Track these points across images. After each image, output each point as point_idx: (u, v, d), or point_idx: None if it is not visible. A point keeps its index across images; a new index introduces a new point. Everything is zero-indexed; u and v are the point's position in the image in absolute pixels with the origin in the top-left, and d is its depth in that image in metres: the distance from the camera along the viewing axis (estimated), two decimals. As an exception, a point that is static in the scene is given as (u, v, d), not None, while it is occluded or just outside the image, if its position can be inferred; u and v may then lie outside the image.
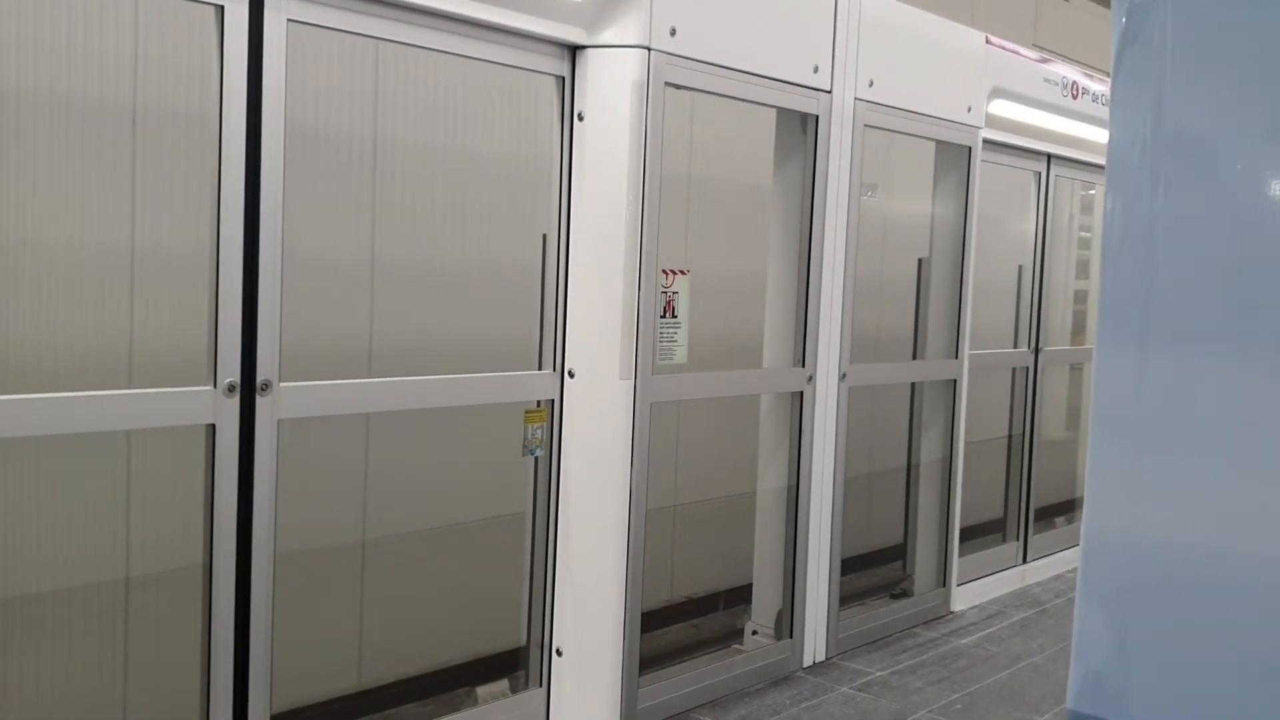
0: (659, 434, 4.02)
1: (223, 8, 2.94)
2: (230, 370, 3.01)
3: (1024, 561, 6.63)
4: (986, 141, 5.50)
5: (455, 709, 3.80)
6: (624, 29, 3.76)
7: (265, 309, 3.07)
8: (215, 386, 2.99)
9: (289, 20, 3.06)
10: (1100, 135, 6.48)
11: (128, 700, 3.32)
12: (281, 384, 3.11)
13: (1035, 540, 6.74)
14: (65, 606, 3.19)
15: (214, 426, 2.99)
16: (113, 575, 3.27)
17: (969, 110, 5.27)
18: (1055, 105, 5.95)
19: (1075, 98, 6.06)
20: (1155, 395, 1.84)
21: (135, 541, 3.28)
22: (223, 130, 2.97)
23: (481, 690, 3.91)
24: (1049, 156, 6.45)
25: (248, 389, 3.04)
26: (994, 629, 5.35)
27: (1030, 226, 6.59)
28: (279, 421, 3.11)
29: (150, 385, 3.03)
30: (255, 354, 3.05)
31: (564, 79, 3.83)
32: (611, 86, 3.79)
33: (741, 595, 4.89)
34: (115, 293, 3.16)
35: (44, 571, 3.14)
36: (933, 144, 5.36)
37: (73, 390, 2.83)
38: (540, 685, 3.96)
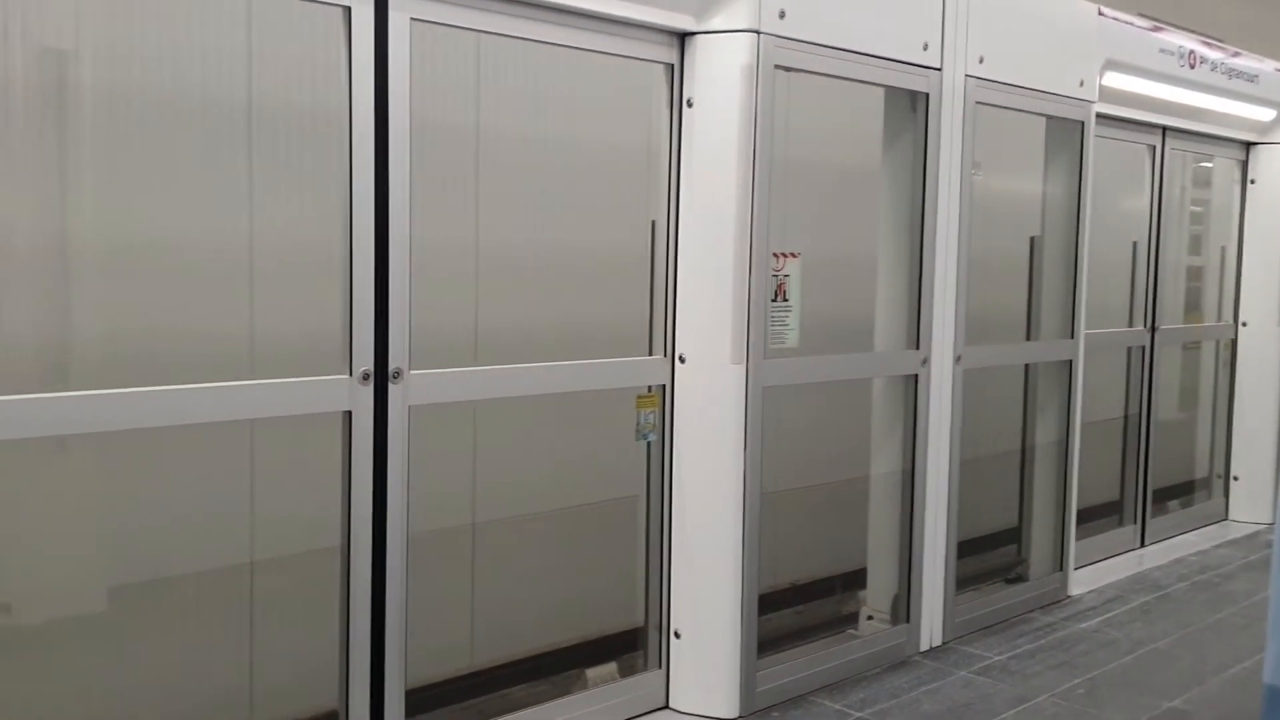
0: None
1: (350, 9, 3.03)
2: (364, 359, 3.11)
3: (1142, 545, 6.50)
4: (1099, 115, 5.38)
5: (567, 690, 3.87)
6: (733, 13, 3.77)
7: (396, 299, 3.16)
8: (351, 375, 3.10)
9: (412, 19, 3.14)
10: (1222, 105, 6.29)
11: (275, 674, 3.45)
12: (412, 371, 3.20)
13: (1153, 523, 6.60)
14: (207, 588, 3.32)
15: (350, 413, 3.10)
16: (246, 558, 3.39)
17: (1081, 84, 5.16)
18: (1171, 75, 5.80)
19: (1193, 67, 5.89)
20: None
21: (268, 525, 3.40)
22: (353, 128, 3.06)
23: (591, 673, 3.97)
24: (1164, 129, 6.29)
25: (380, 377, 3.14)
26: (1114, 613, 5.25)
27: (1144, 202, 6.44)
28: (409, 408, 3.20)
29: (272, 376, 3.12)
30: (387, 343, 3.14)
31: (673, 66, 3.86)
32: (721, 72, 3.80)
33: (850, 581, 4.88)
34: (237, 286, 3.25)
35: (192, 553, 3.27)
36: (1042, 120, 5.26)
37: (195, 382, 2.92)
38: (659, 667, 4.01)
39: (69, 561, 3.04)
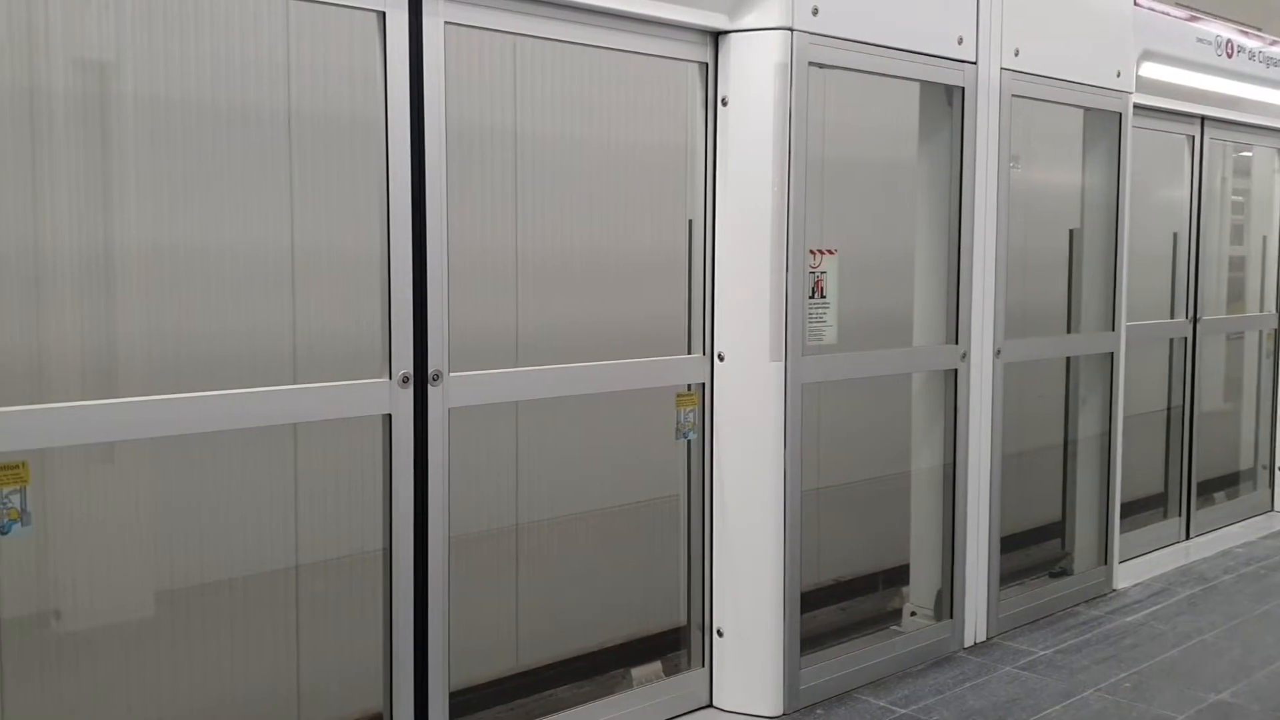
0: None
1: (384, 13, 3.05)
2: (403, 362, 3.13)
3: (1187, 537, 6.43)
4: (1137, 106, 5.32)
5: (611, 691, 3.88)
6: (766, 11, 3.77)
7: (434, 302, 3.18)
8: (390, 378, 3.12)
9: (446, 23, 3.16)
10: (1261, 94, 6.21)
11: (320, 675, 3.48)
12: (451, 374, 3.22)
13: (1199, 515, 6.52)
14: (253, 592, 3.36)
15: (390, 416, 3.12)
16: (291, 562, 3.42)
17: (1118, 75, 5.11)
18: (1209, 65, 5.73)
19: (1230, 56, 5.82)
20: None
21: (312, 529, 3.43)
22: (389, 132, 3.08)
23: (636, 672, 3.97)
24: (1202, 119, 6.22)
25: (420, 380, 3.16)
26: (1160, 606, 5.19)
27: (1183, 192, 6.36)
28: (449, 410, 3.22)
29: (314, 381, 3.15)
30: (426, 346, 3.16)
31: (707, 65, 3.86)
32: (755, 69, 3.80)
33: (893, 577, 4.86)
34: (279, 292, 3.28)
35: (237, 558, 3.31)
36: (1079, 111, 5.21)
37: (240, 387, 2.95)
38: (702, 665, 4.01)
39: (117, 567, 3.08)
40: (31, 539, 2.87)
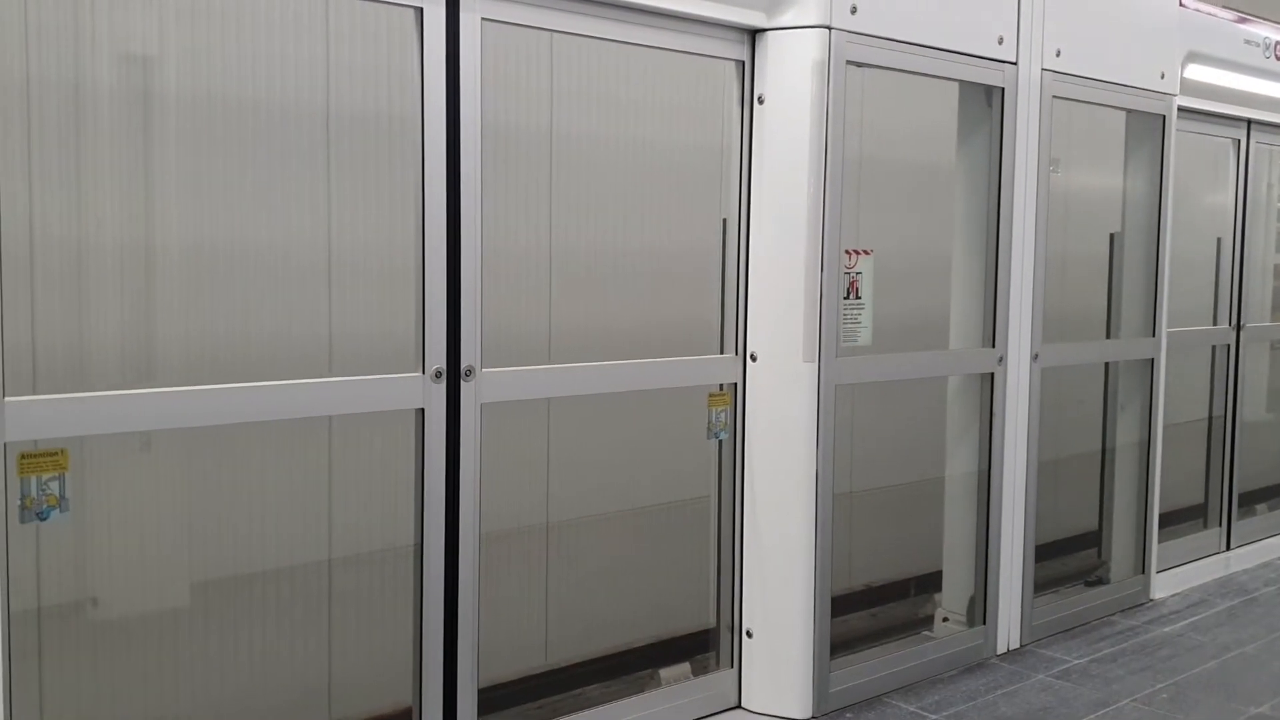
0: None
1: (422, 10, 3.07)
2: (436, 357, 3.14)
3: (1227, 548, 6.34)
4: (1181, 109, 5.25)
5: (640, 690, 3.87)
6: (804, 9, 3.75)
7: (467, 298, 3.19)
8: (424, 373, 3.14)
9: (483, 19, 3.17)
10: (1309, 97, 6.11)
11: (349, 670, 3.50)
12: (483, 370, 3.23)
13: (1239, 526, 6.43)
14: (286, 584, 3.38)
15: (423, 411, 3.14)
16: (324, 555, 3.45)
17: (1162, 77, 5.05)
18: (1256, 67, 5.65)
19: (1278, 59, 5.73)
20: None
21: (345, 522, 3.45)
22: (425, 128, 3.09)
23: (665, 672, 3.96)
24: (1249, 122, 6.13)
25: (453, 375, 3.17)
26: (1198, 617, 5.12)
27: (1228, 197, 6.28)
28: (481, 406, 3.23)
29: (348, 375, 3.17)
30: (459, 342, 3.18)
31: (744, 63, 3.85)
32: (792, 68, 3.78)
33: (925, 583, 4.82)
34: (315, 287, 3.30)
35: (272, 550, 3.34)
36: (1121, 114, 5.15)
37: (278, 379, 2.98)
38: (731, 666, 4.00)
39: (153, 557, 3.12)
40: (70, 526, 2.91)
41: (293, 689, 3.38)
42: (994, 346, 4.46)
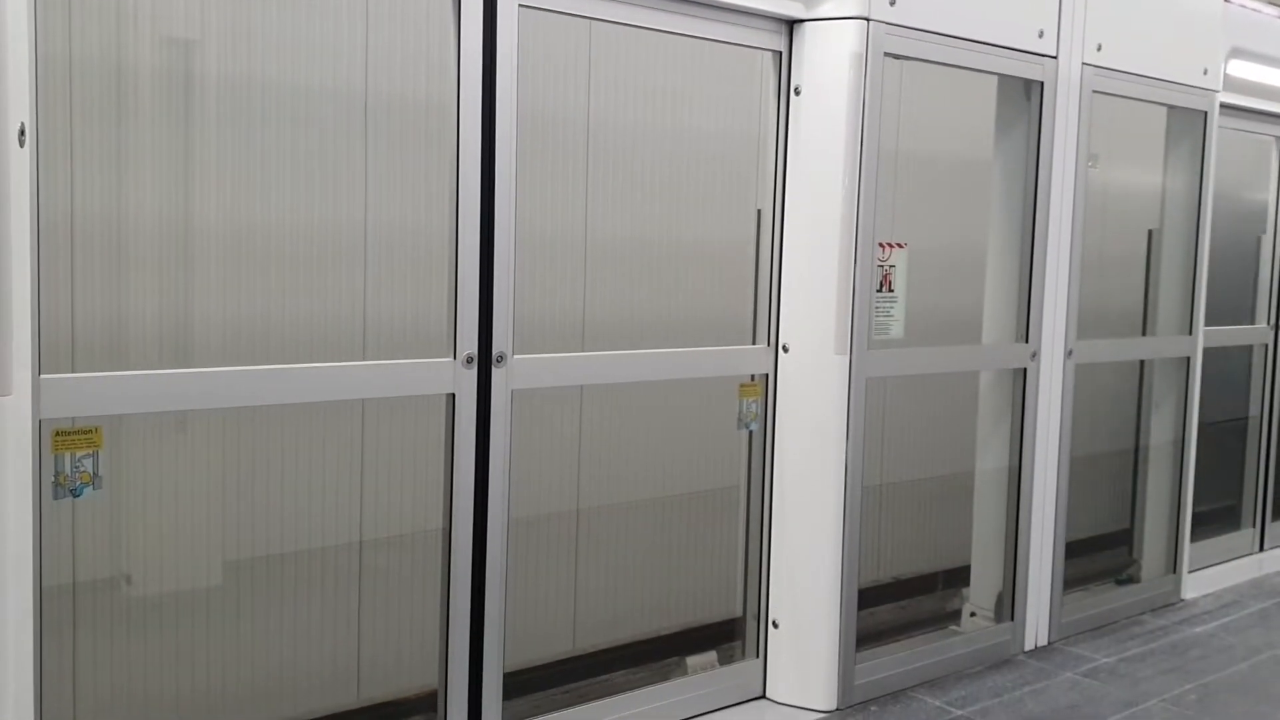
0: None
1: (460, -4, 3.08)
2: (468, 343, 3.16)
3: (1261, 549, 6.27)
4: (1223, 105, 5.19)
5: (665, 677, 3.89)
6: (842, 0, 3.73)
7: (500, 285, 3.20)
8: (455, 358, 3.16)
9: (520, 6, 3.18)
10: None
11: (379, 651, 3.54)
12: (515, 356, 3.25)
13: (1274, 528, 6.36)
14: (317, 565, 3.42)
15: (454, 396, 3.15)
16: (355, 537, 3.48)
17: (1205, 73, 4.99)
18: (1301, 64, 5.56)
19: (1324, 55, 5.64)
20: None
21: (375, 505, 3.48)
22: (460, 115, 3.10)
23: (691, 660, 3.98)
24: (1293, 119, 6.03)
25: (484, 361, 3.19)
26: (1230, 618, 5.07)
27: (1269, 195, 6.20)
28: (512, 392, 3.25)
29: (380, 358, 3.19)
30: (491, 328, 3.19)
31: (781, 54, 3.83)
32: (829, 59, 3.77)
33: (953, 577, 4.80)
34: (350, 270, 3.33)
35: (304, 531, 3.37)
36: (1162, 109, 5.09)
37: (312, 362, 3.01)
38: (757, 656, 4.00)
39: (187, 535, 3.16)
40: (106, 505, 2.95)
41: (322, 670, 3.42)
42: (1027, 342, 4.43)
